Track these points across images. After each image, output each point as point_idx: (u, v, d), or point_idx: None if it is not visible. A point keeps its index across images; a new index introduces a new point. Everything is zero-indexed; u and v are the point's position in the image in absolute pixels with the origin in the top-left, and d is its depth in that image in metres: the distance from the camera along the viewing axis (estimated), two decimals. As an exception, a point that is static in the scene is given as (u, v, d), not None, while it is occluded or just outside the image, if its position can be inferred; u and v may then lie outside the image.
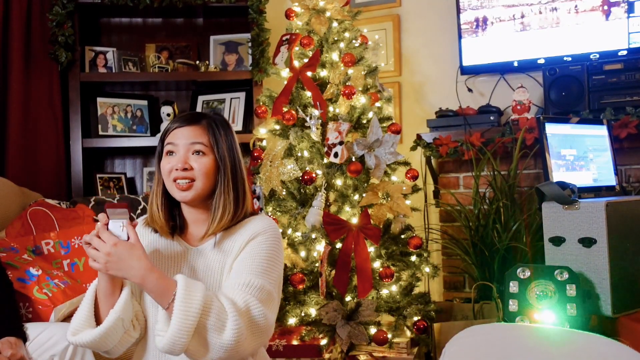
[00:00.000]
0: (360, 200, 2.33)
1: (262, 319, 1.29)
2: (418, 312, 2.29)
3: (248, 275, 1.33)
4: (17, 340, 1.68)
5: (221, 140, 1.42)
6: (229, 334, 1.23)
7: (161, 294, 1.26)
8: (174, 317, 1.22)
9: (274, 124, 2.49)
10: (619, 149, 2.52)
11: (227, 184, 1.40)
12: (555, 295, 1.81)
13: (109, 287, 1.34)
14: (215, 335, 1.24)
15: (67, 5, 2.96)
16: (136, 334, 1.39)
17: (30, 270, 2.03)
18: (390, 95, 2.73)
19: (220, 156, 1.41)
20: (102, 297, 1.35)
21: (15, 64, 2.86)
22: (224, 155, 1.41)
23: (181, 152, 1.39)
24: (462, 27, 3.06)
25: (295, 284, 2.22)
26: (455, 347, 1.32)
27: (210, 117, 1.45)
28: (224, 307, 1.25)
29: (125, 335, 1.36)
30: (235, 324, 1.24)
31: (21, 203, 2.50)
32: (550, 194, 1.95)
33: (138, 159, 3.34)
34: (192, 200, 1.41)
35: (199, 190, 1.39)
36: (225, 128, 1.45)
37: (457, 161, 2.97)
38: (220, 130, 1.43)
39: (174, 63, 3.23)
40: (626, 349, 1.24)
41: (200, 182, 1.39)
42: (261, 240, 1.40)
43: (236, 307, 1.26)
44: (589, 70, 2.70)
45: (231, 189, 1.41)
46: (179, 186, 1.38)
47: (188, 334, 1.21)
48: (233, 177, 1.42)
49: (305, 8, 2.54)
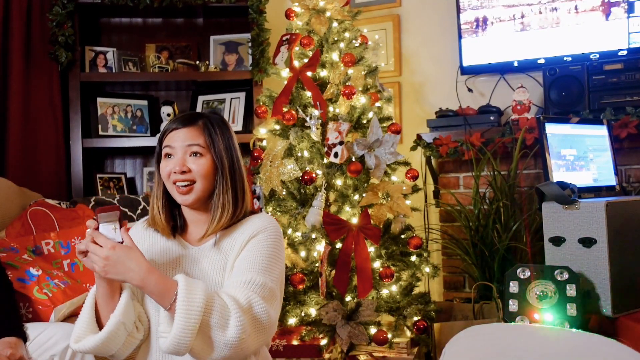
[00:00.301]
0: (360, 200, 2.33)
1: (265, 315, 1.29)
2: (418, 312, 2.29)
3: (250, 273, 1.33)
4: (17, 340, 1.68)
5: (218, 140, 1.41)
6: (233, 331, 1.23)
7: (162, 294, 1.25)
8: (177, 316, 1.21)
9: (274, 124, 2.49)
10: (619, 149, 2.52)
11: (225, 184, 1.40)
12: (555, 295, 1.81)
13: (107, 292, 1.33)
14: (219, 333, 1.23)
15: (67, 5, 2.96)
16: (140, 336, 1.39)
17: (30, 271, 2.03)
18: (390, 95, 2.73)
19: (217, 156, 1.40)
20: (102, 302, 1.34)
21: (15, 64, 2.86)
22: (221, 155, 1.41)
23: (179, 154, 1.39)
24: (462, 27, 3.06)
25: (295, 284, 2.22)
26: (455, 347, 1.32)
27: (207, 117, 1.45)
28: (227, 305, 1.25)
29: (129, 337, 1.35)
30: (239, 321, 1.24)
31: (21, 203, 2.51)
32: (550, 194, 1.95)
33: (138, 159, 3.34)
34: (193, 203, 1.41)
35: (199, 192, 1.39)
36: (222, 127, 1.44)
37: (457, 161, 2.97)
38: (217, 129, 1.42)
39: (174, 63, 3.23)
40: (626, 349, 1.24)
41: (200, 184, 1.39)
42: (262, 238, 1.40)
43: (239, 304, 1.26)
44: (589, 70, 2.70)
45: (230, 188, 1.41)
46: (180, 190, 1.39)
47: (192, 333, 1.21)
48: (231, 176, 1.42)
49: (305, 8, 2.54)
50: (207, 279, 1.39)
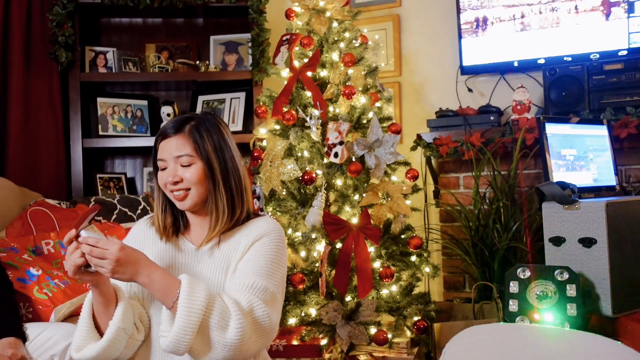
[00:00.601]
0: (361, 200, 2.33)
1: (266, 319, 1.30)
2: (418, 312, 2.29)
3: (252, 277, 1.34)
4: (17, 341, 1.68)
5: (206, 144, 1.39)
6: (233, 333, 1.24)
7: (165, 293, 1.26)
8: (178, 314, 1.22)
9: (274, 124, 2.49)
10: (619, 149, 2.52)
11: (217, 187, 1.40)
12: (555, 295, 1.81)
13: (103, 301, 1.32)
14: (218, 334, 1.24)
15: (67, 5, 2.96)
16: (141, 337, 1.39)
17: (31, 270, 2.03)
18: (390, 95, 2.74)
19: (206, 161, 1.39)
20: (99, 310, 1.33)
21: (15, 64, 2.86)
22: (211, 159, 1.39)
23: (171, 165, 1.40)
24: (462, 27, 3.06)
25: (295, 284, 2.22)
26: (455, 347, 1.32)
27: (195, 120, 1.42)
28: (228, 307, 1.26)
29: (130, 340, 1.35)
30: (239, 323, 1.25)
31: (21, 203, 2.50)
32: (550, 194, 1.95)
33: (138, 159, 3.34)
34: (191, 207, 1.42)
35: (195, 197, 1.40)
36: (211, 128, 1.42)
37: (457, 161, 2.97)
38: (204, 133, 1.40)
39: (174, 63, 3.23)
40: (626, 349, 1.24)
41: (195, 190, 1.39)
42: (266, 241, 1.40)
43: (240, 307, 1.27)
44: (589, 70, 2.70)
45: (223, 191, 1.40)
46: (176, 197, 1.40)
47: (192, 332, 1.22)
48: (224, 178, 1.40)
49: (305, 8, 2.54)
50: (208, 279, 1.39)
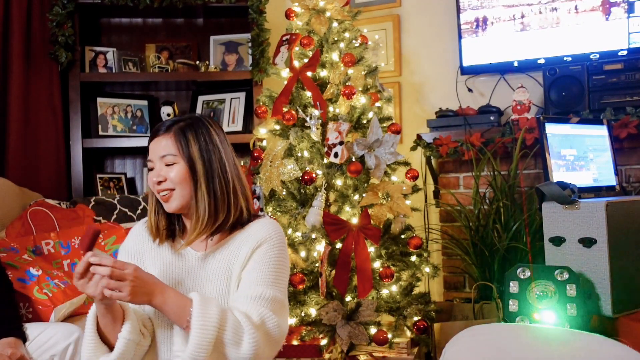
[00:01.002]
0: (360, 200, 2.32)
1: (277, 329, 1.32)
2: (418, 312, 2.29)
3: (259, 287, 1.34)
4: (17, 341, 1.68)
5: (190, 144, 1.37)
6: (246, 348, 1.26)
7: (178, 313, 1.26)
8: (192, 334, 1.23)
9: (274, 124, 2.49)
10: (619, 149, 2.52)
11: (199, 188, 1.37)
12: (555, 295, 1.81)
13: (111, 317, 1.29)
14: (233, 350, 1.26)
15: (67, 6, 2.97)
16: (147, 342, 1.38)
17: (31, 271, 2.03)
18: (390, 95, 2.73)
19: (188, 161, 1.37)
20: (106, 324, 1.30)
21: (15, 64, 2.86)
22: (193, 159, 1.37)
23: (157, 165, 1.39)
24: (462, 27, 3.06)
25: (295, 284, 2.22)
26: (455, 347, 1.32)
27: (185, 121, 1.41)
28: (240, 322, 1.27)
29: (138, 347, 1.35)
30: (252, 337, 1.26)
31: (21, 203, 2.51)
32: (550, 194, 1.95)
33: (138, 159, 3.34)
34: (178, 209, 1.39)
35: (179, 198, 1.37)
36: (198, 129, 1.39)
37: (457, 161, 2.97)
38: (189, 134, 1.38)
39: (174, 63, 3.23)
40: (626, 349, 1.24)
41: (179, 190, 1.37)
42: (268, 248, 1.39)
43: (251, 321, 1.28)
44: (589, 70, 2.70)
45: (205, 192, 1.37)
46: (162, 197, 1.39)
47: (207, 350, 1.23)
48: (207, 180, 1.37)
49: (305, 8, 2.54)
50: (208, 284, 1.38)
